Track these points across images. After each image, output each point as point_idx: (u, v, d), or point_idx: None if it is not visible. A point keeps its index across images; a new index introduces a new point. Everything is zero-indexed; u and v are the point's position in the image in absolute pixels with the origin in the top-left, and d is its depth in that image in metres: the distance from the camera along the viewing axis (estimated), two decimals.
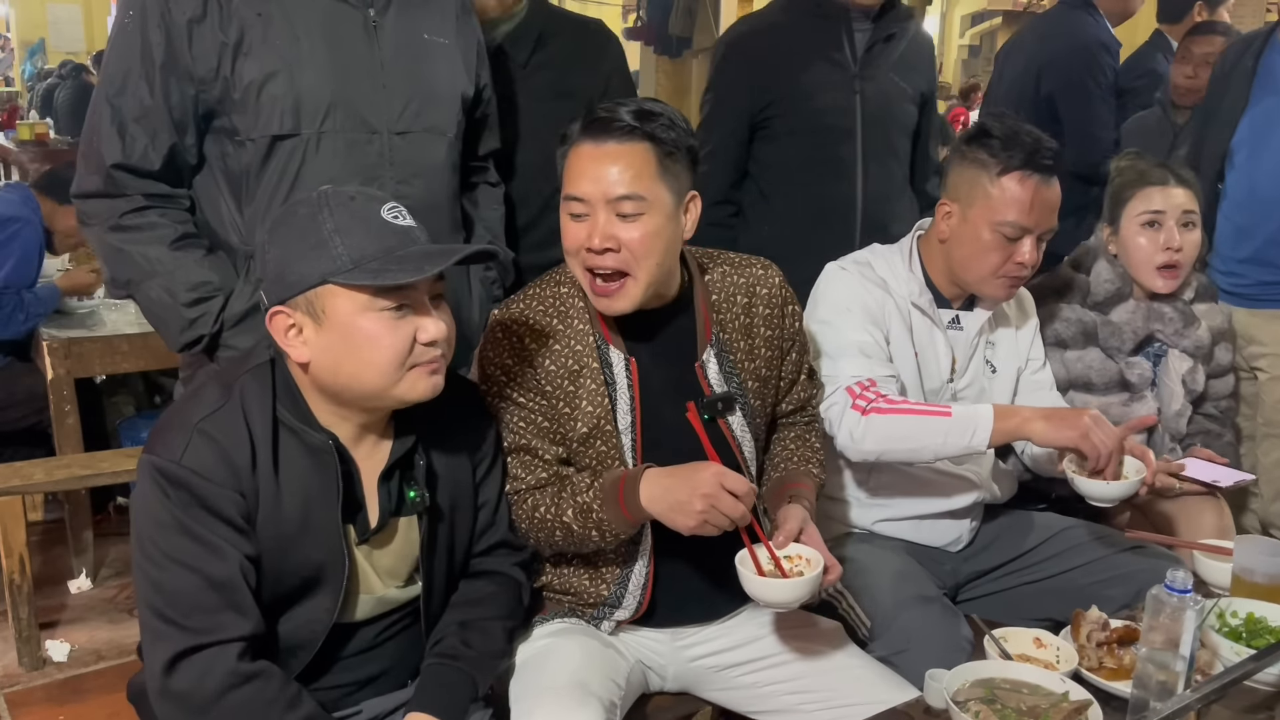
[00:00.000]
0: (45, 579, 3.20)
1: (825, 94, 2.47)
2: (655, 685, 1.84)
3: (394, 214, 1.40)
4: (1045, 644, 1.66)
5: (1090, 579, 2.03)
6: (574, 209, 1.60)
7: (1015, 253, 1.93)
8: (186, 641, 1.36)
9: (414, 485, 1.53)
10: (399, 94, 1.75)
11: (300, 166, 1.70)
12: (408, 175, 1.77)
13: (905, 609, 1.85)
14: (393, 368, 1.39)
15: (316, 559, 1.46)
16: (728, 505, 1.52)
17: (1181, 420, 2.37)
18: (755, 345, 1.78)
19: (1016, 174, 1.90)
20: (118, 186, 1.72)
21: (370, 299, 1.37)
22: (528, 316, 1.70)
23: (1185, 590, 1.41)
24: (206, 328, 1.74)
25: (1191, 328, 2.36)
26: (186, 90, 1.70)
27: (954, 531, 2.11)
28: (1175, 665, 1.41)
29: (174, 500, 1.37)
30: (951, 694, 1.47)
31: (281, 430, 1.44)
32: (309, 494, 1.44)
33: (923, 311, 2.04)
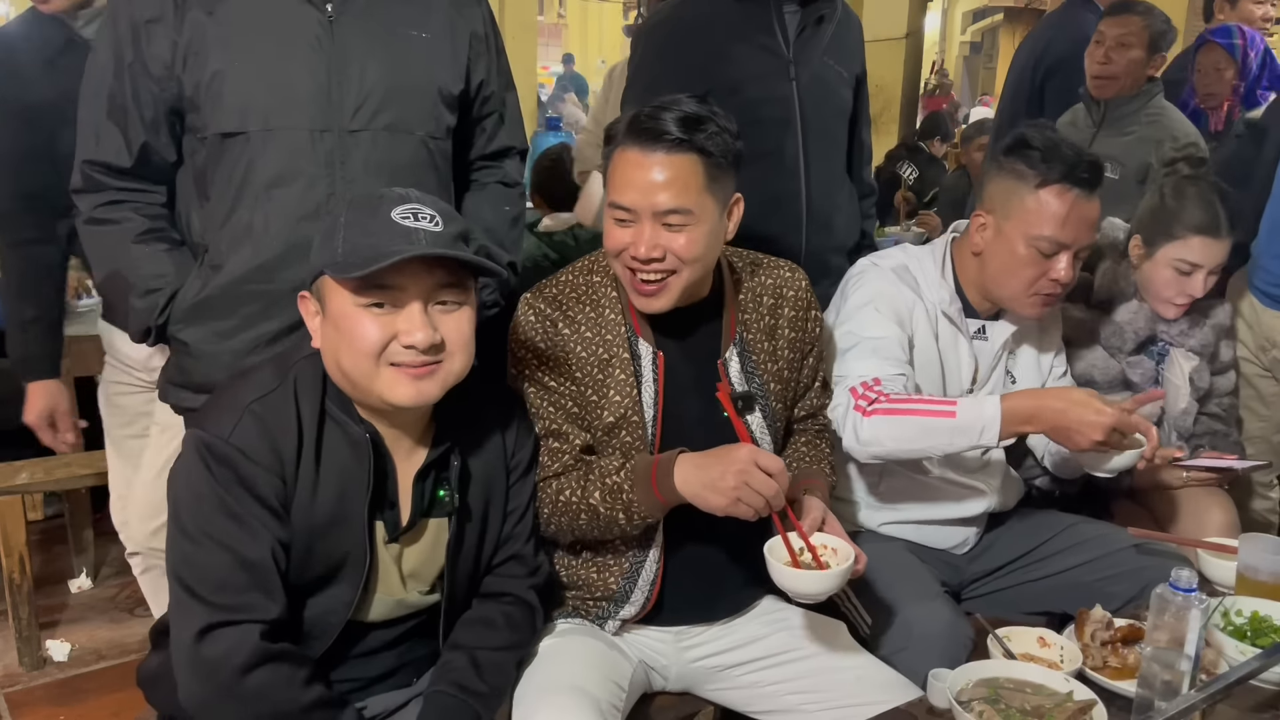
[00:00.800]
0: (45, 578, 3.19)
1: (761, 84, 2.27)
2: (658, 685, 1.84)
3: (406, 215, 1.39)
4: (1049, 643, 1.65)
5: (1094, 576, 2.02)
6: (620, 216, 1.60)
7: (1050, 269, 1.90)
8: (213, 617, 1.37)
9: (446, 486, 1.53)
10: (353, 92, 1.73)
11: (249, 165, 1.70)
12: (363, 174, 1.73)
13: (907, 607, 1.85)
14: (365, 359, 1.39)
15: (341, 551, 1.47)
16: (760, 482, 1.51)
17: (1188, 418, 2.36)
18: (778, 347, 1.80)
19: (1055, 187, 1.86)
20: (93, 182, 1.75)
21: (352, 293, 1.38)
22: (561, 302, 1.71)
23: (1190, 589, 1.41)
24: (151, 320, 1.75)
25: (1196, 327, 2.35)
26: (151, 88, 1.71)
27: (960, 536, 2.11)
28: (1180, 664, 1.40)
29: (217, 476, 1.39)
30: (955, 694, 1.46)
31: (327, 421, 1.46)
32: (345, 486, 1.46)
33: (950, 320, 2.01)
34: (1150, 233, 2.30)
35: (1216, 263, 2.26)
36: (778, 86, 2.27)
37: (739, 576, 1.83)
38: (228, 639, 1.36)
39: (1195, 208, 2.24)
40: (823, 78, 2.31)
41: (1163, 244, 2.27)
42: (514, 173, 2.06)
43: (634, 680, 1.75)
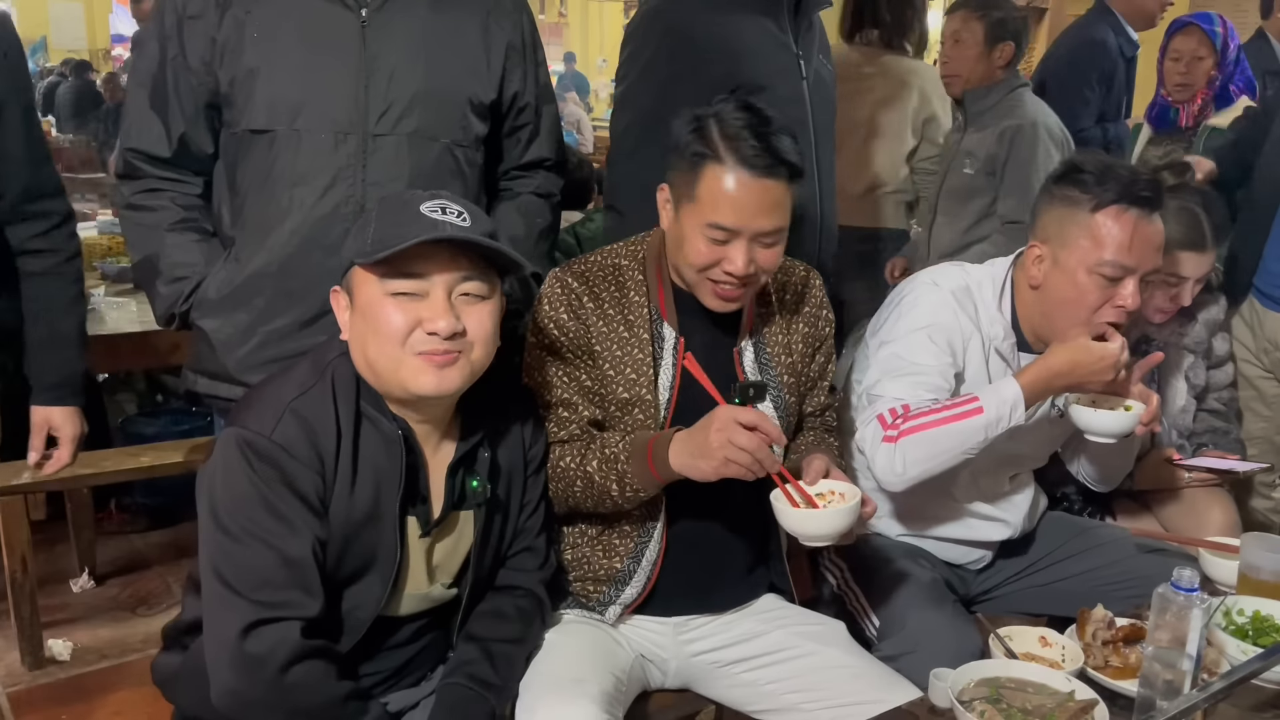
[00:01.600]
0: (48, 578, 3.19)
1: (783, 82, 2.12)
2: (656, 681, 1.84)
3: (434, 209, 1.41)
4: (1051, 643, 1.65)
5: (1098, 579, 2.02)
6: (717, 235, 1.60)
7: (1116, 296, 1.79)
8: (257, 614, 1.37)
9: (477, 477, 1.55)
10: (380, 96, 1.75)
11: (274, 162, 1.74)
12: (386, 178, 1.76)
13: (916, 611, 1.84)
14: (391, 345, 1.41)
15: (373, 547, 1.49)
16: (743, 438, 1.51)
17: (1187, 416, 2.36)
18: (792, 341, 1.84)
19: (1113, 208, 1.77)
20: (133, 169, 1.82)
21: (381, 281, 1.40)
22: (588, 279, 1.74)
23: (1192, 589, 1.40)
24: (174, 306, 1.81)
25: (1188, 325, 2.35)
26: (189, 81, 1.77)
27: (977, 554, 2.10)
28: (1182, 664, 1.40)
29: (259, 474, 1.40)
30: (956, 693, 1.46)
31: (363, 418, 1.48)
32: (379, 483, 1.47)
33: (1002, 357, 1.93)
34: None
35: (1203, 273, 2.26)
36: (793, 86, 2.17)
37: (739, 568, 1.85)
38: (271, 636, 1.37)
39: (1178, 223, 2.20)
40: (822, 77, 2.26)
41: None
42: (548, 184, 2.05)
43: (632, 674, 1.76)
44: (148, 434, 3.50)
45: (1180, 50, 3.43)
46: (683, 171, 1.63)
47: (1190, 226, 2.21)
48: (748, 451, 1.52)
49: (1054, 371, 1.78)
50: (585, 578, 1.79)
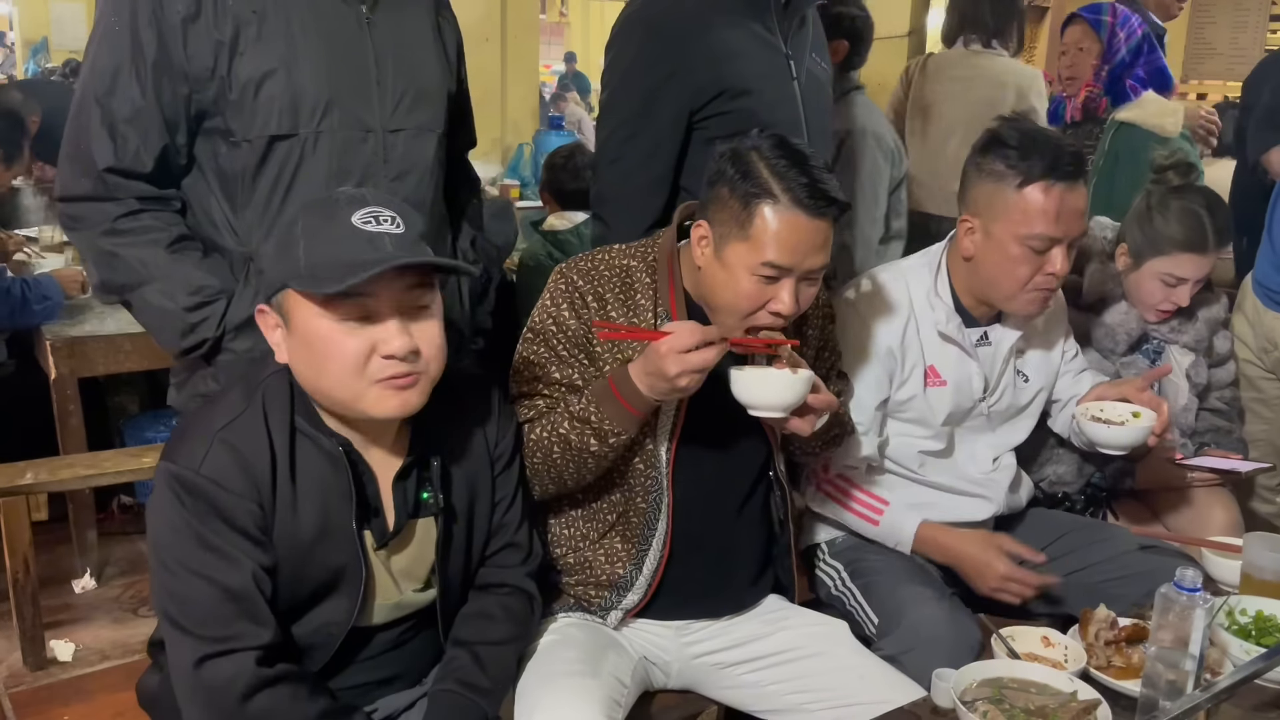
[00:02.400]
0: (50, 579, 3.18)
1: (771, 84, 2.08)
2: (659, 682, 1.84)
3: (366, 219, 1.34)
4: (1053, 643, 1.65)
5: (1100, 577, 2.02)
6: (769, 273, 1.59)
7: (1045, 264, 1.87)
8: (205, 649, 1.35)
9: (428, 487, 1.51)
10: (391, 91, 1.74)
11: (297, 166, 1.68)
12: (401, 173, 1.76)
13: (913, 608, 1.84)
14: (350, 378, 1.35)
15: (334, 564, 1.45)
16: (696, 361, 1.51)
17: (1189, 414, 2.36)
18: (804, 351, 1.82)
19: (1039, 184, 1.83)
20: (110, 190, 1.67)
21: (323, 308, 1.33)
22: (593, 278, 1.72)
23: (1194, 589, 1.40)
24: (210, 331, 1.70)
25: (1189, 323, 2.35)
26: (179, 90, 1.65)
27: None
28: (1184, 664, 1.40)
29: (190, 509, 1.36)
30: (959, 693, 1.46)
31: (299, 437, 1.43)
32: (326, 500, 1.43)
33: (950, 339, 1.99)
34: (1136, 244, 2.29)
35: (1203, 274, 2.26)
36: (785, 87, 2.12)
37: (744, 573, 1.85)
38: (225, 669, 1.35)
39: (1180, 224, 2.22)
40: (815, 76, 2.20)
41: (1149, 257, 2.26)
42: (472, 169, 2.13)
43: (634, 676, 1.75)
44: (149, 435, 3.50)
45: (1066, 43, 3.42)
46: (730, 210, 1.59)
47: (1192, 228, 2.21)
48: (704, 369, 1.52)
49: (950, 548, 1.97)
50: (586, 582, 1.78)
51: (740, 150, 1.61)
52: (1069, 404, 2.19)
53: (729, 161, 1.61)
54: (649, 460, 1.72)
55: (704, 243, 1.65)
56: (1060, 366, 2.17)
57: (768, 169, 1.58)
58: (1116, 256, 2.32)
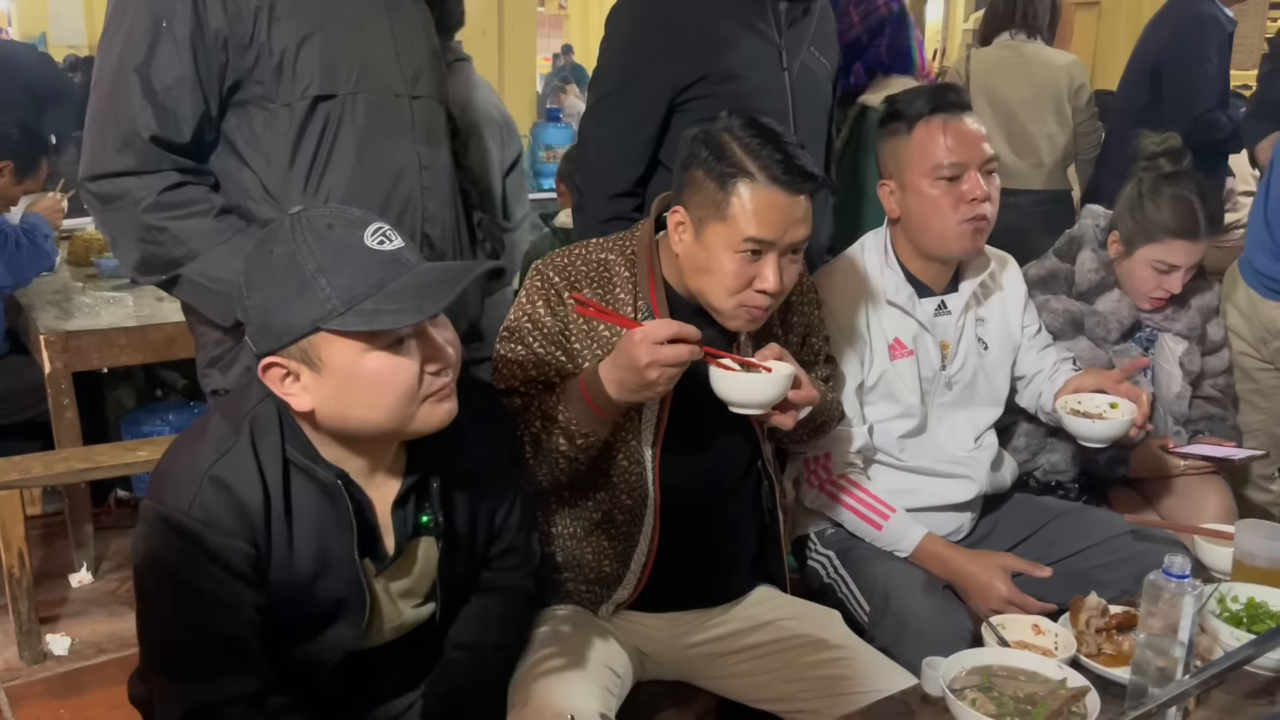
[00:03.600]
0: (46, 573, 3.20)
1: (758, 72, 2.10)
2: (652, 673, 1.84)
3: (379, 239, 1.27)
4: (1043, 630, 1.65)
5: (1090, 564, 2.02)
6: (753, 248, 1.59)
7: (963, 193, 1.91)
8: (193, 700, 1.31)
9: (428, 509, 1.46)
10: (409, 59, 1.79)
11: (339, 127, 1.70)
12: (428, 138, 1.80)
13: (904, 597, 1.85)
14: (404, 404, 1.30)
15: (335, 596, 1.40)
16: (669, 355, 1.47)
17: (1182, 402, 2.35)
18: (790, 334, 1.85)
19: (924, 121, 1.92)
20: (155, 162, 1.64)
21: (368, 341, 1.26)
22: (570, 274, 1.70)
23: (1183, 575, 1.40)
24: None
25: (1182, 310, 2.34)
26: (216, 59, 1.65)
27: (954, 523, 2.10)
28: (1174, 651, 1.40)
29: (181, 554, 1.29)
30: (948, 682, 1.46)
31: (292, 470, 1.36)
32: (324, 532, 1.38)
33: (902, 309, 2.02)
34: (1128, 232, 2.28)
35: (1195, 261, 2.25)
36: (773, 77, 2.14)
37: (735, 564, 1.84)
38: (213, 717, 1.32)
39: (1172, 211, 2.22)
40: (811, 69, 2.22)
41: (1141, 244, 2.26)
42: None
43: (627, 666, 1.75)
44: (145, 429, 3.50)
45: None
46: (707, 191, 1.59)
47: (1184, 215, 2.20)
48: (680, 365, 1.49)
49: (955, 566, 1.94)
50: (577, 579, 1.78)
51: (712, 132, 1.61)
52: (1034, 379, 2.20)
53: (701, 144, 1.61)
54: (633, 457, 1.71)
55: (681, 229, 1.65)
56: (1021, 339, 2.18)
57: (741, 148, 1.58)
58: (1108, 244, 2.31)
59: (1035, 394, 2.20)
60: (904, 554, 1.96)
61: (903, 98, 1.97)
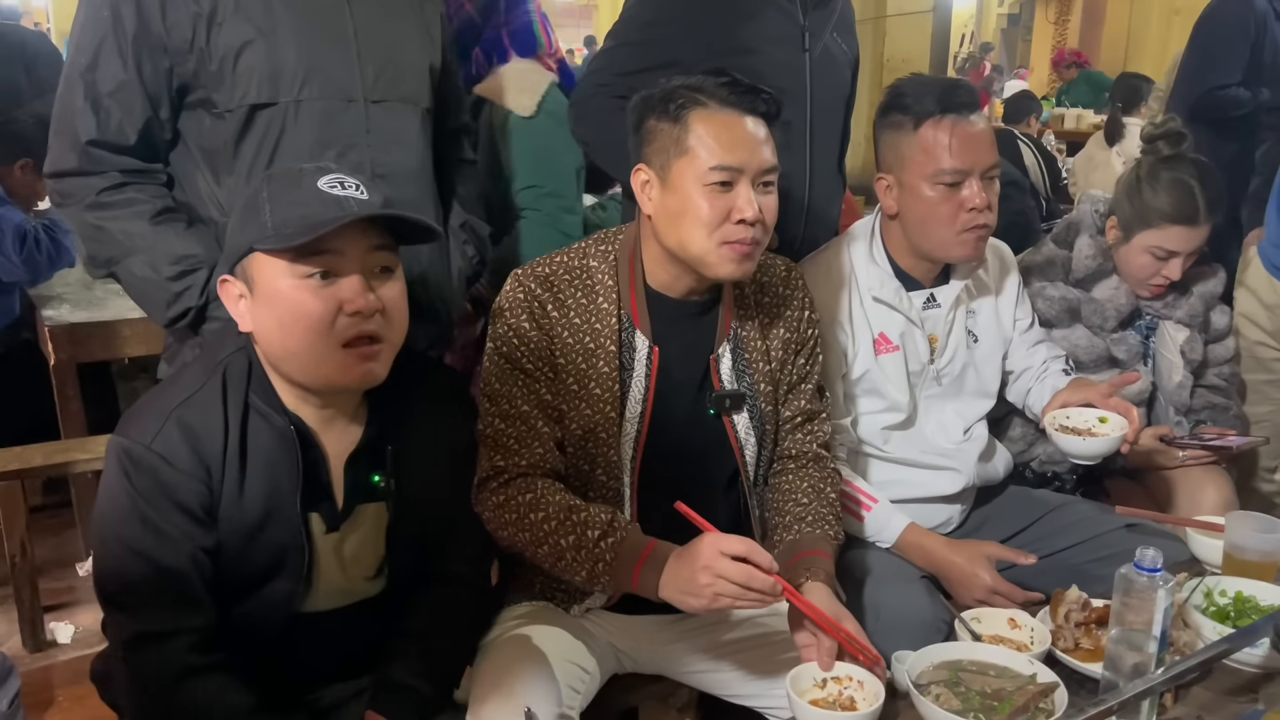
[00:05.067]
0: (54, 562, 3.23)
1: (778, 49, 2.06)
2: (629, 667, 1.82)
3: (333, 184, 1.37)
4: (1020, 624, 1.61)
5: (1083, 557, 1.98)
6: (722, 178, 1.56)
7: (964, 200, 1.85)
8: (138, 628, 1.36)
9: (380, 471, 1.49)
10: (372, 62, 1.74)
11: (280, 135, 1.69)
12: (386, 143, 1.76)
13: (879, 589, 1.82)
14: (316, 338, 1.36)
15: (277, 545, 1.44)
16: (730, 570, 1.39)
17: (1184, 391, 2.29)
18: (771, 346, 1.77)
19: (932, 120, 1.85)
20: (94, 163, 1.69)
21: (289, 265, 1.35)
22: (552, 283, 1.67)
23: (1155, 569, 1.36)
24: (193, 300, 1.72)
25: (1183, 298, 2.28)
26: (160, 63, 1.67)
27: (943, 515, 2.06)
28: (1148, 647, 1.36)
29: (137, 485, 1.36)
30: (915, 676, 1.43)
31: (251, 414, 1.42)
32: (274, 480, 1.42)
33: (888, 304, 1.97)
34: (1126, 217, 2.22)
35: (1194, 248, 2.19)
36: (793, 56, 2.09)
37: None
38: (154, 652, 1.35)
39: (1170, 196, 2.15)
40: (832, 54, 2.17)
41: (1139, 230, 2.20)
42: (470, 151, 2.09)
43: (602, 663, 1.73)
44: None
45: None
46: (663, 134, 1.58)
47: (1182, 200, 2.14)
48: (737, 584, 1.39)
49: (937, 555, 1.90)
50: (549, 584, 1.75)
51: (652, 91, 1.62)
52: (1022, 376, 2.16)
53: (644, 101, 1.62)
54: (611, 472, 1.68)
55: (648, 186, 1.62)
56: (1013, 333, 2.13)
57: (686, 86, 1.58)
58: (1106, 230, 2.26)
59: (1023, 391, 2.16)
60: (887, 544, 1.93)
61: (911, 90, 1.88)
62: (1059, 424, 1.93)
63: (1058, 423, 1.94)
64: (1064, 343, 2.23)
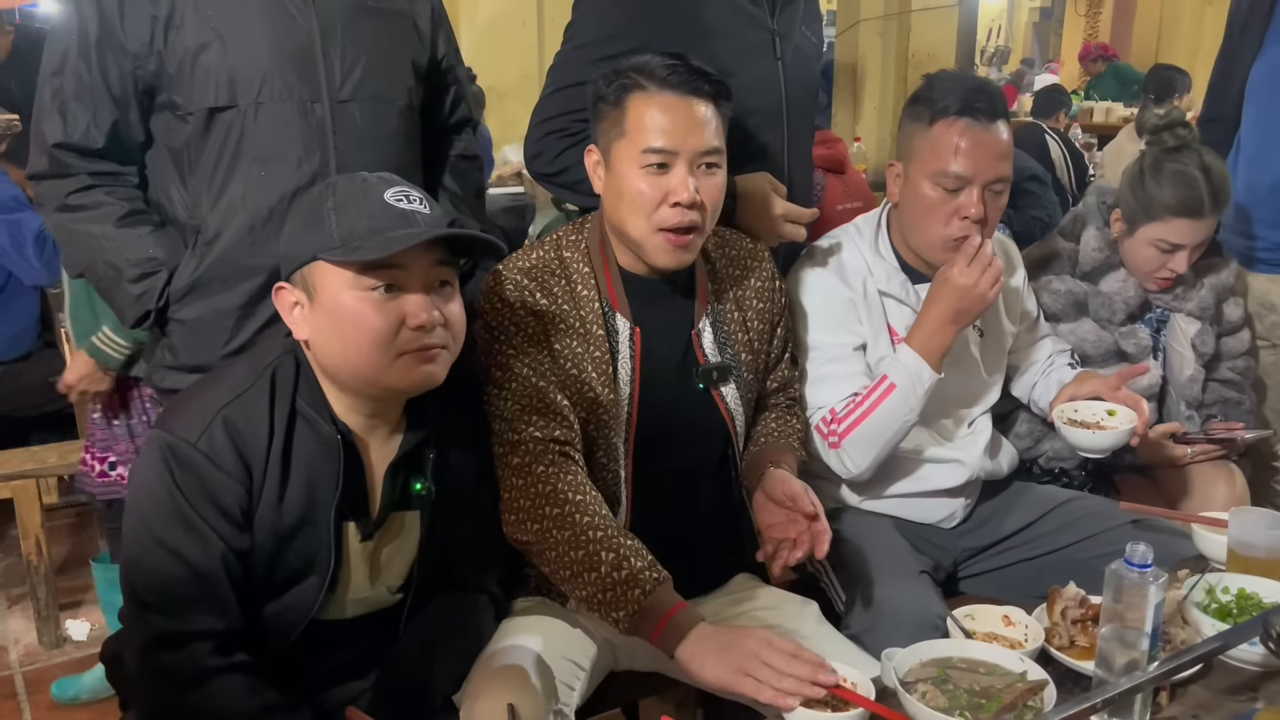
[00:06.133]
0: (71, 560, 3.27)
1: (751, 65, 1.94)
2: (625, 664, 1.81)
3: (399, 197, 1.38)
4: (1014, 622, 1.59)
5: (1089, 554, 1.94)
6: (655, 160, 1.57)
7: (960, 206, 1.82)
8: (161, 628, 1.36)
9: (421, 478, 1.50)
10: (340, 61, 1.73)
11: (240, 138, 1.68)
12: (352, 145, 1.74)
13: (879, 585, 1.80)
14: (378, 350, 1.36)
15: (308, 552, 1.44)
16: (780, 660, 1.36)
17: (1195, 385, 2.25)
18: (748, 317, 1.79)
19: (947, 120, 1.81)
20: (63, 167, 1.71)
21: (355, 276, 1.35)
22: (535, 274, 1.68)
23: (1145, 565, 1.34)
24: (151, 303, 1.73)
25: (1193, 290, 2.23)
26: (124, 66, 1.68)
27: (946, 509, 2.04)
28: (1140, 644, 1.34)
29: (179, 482, 1.36)
30: (903, 674, 1.42)
31: (298, 420, 1.42)
32: (314, 487, 1.42)
33: (896, 298, 1.95)
34: (1130, 210, 2.18)
35: (1200, 240, 2.15)
36: (766, 67, 1.99)
37: (708, 560, 1.80)
38: (174, 654, 1.35)
39: (1174, 188, 2.10)
40: (803, 52, 2.06)
41: (1143, 223, 2.15)
42: (472, 146, 2.07)
43: (597, 659, 1.72)
44: None
45: None
46: (606, 117, 1.61)
47: (1186, 192, 2.10)
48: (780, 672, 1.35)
49: (936, 320, 1.82)
50: (545, 580, 1.73)
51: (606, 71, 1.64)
52: (1027, 371, 2.13)
53: (597, 82, 1.64)
54: (610, 454, 1.69)
55: (598, 166, 1.65)
56: (1018, 326, 2.10)
57: (633, 70, 1.59)
58: (1111, 223, 2.22)
59: (1028, 385, 2.13)
60: (928, 373, 1.81)
61: (940, 84, 1.85)
62: (1067, 417, 1.91)
63: (1065, 416, 1.91)
64: (1071, 337, 2.20)
